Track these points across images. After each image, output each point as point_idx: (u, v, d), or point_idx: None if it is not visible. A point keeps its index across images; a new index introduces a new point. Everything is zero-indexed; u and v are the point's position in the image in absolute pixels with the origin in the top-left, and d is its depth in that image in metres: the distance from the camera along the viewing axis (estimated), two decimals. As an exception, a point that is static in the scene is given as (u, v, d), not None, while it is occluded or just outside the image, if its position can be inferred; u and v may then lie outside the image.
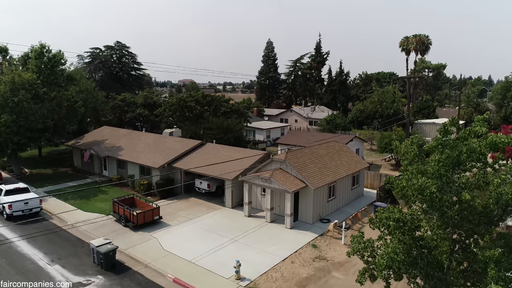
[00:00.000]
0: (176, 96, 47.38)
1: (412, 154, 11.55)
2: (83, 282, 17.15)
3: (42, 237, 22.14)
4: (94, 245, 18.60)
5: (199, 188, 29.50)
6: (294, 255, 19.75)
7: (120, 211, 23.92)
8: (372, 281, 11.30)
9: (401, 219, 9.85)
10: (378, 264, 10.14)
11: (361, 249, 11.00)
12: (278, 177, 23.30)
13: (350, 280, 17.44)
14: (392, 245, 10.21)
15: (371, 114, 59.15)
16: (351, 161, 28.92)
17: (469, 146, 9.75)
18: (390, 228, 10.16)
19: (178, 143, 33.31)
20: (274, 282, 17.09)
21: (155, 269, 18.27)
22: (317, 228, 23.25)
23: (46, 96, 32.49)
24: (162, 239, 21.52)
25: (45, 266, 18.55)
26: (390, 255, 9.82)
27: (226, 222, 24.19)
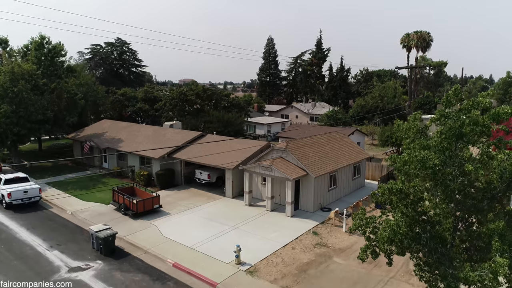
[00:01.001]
0: (177, 90, 47.24)
1: (414, 131, 11.38)
2: (82, 266, 17.01)
3: (42, 224, 22.08)
4: (93, 230, 18.46)
5: (199, 178, 29.37)
6: (294, 241, 19.60)
7: (120, 200, 23.79)
8: (374, 258, 11.13)
9: (403, 190, 9.67)
10: (380, 238, 9.96)
11: (363, 225, 10.83)
12: (279, 165, 23.14)
13: (351, 265, 17.29)
14: (394, 218, 10.02)
15: (372, 109, 58.94)
16: (352, 152, 28.74)
17: (472, 117, 9.58)
18: (393, 202, 9.98)
19: (178, 135, 33.16)
20: (274, 266, 16.94)
21: (154, 255, 18.13)
22: (318, 216, 23.09)
23: (46, 87, 32.37)
24: (162, 226, 21.37)
25: (44, 252, 18.42)
26: (392, 227, 9.64)
27: (227, 211, 24.04)
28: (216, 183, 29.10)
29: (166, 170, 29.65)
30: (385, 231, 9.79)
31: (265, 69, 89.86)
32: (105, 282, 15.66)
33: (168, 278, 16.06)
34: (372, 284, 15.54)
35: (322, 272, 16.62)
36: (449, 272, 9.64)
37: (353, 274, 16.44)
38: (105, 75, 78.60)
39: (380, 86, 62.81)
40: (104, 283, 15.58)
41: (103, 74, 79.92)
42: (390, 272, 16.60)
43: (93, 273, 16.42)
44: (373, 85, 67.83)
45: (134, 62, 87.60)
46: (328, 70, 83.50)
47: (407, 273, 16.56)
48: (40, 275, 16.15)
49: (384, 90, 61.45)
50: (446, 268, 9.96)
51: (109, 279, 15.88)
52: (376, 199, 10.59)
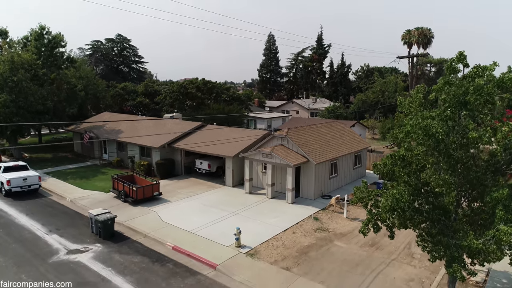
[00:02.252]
0: (177, 83, 47.07)
1: (417, 103, 11.21)
2: (81, 249, 16.87)
3: (41, 210, 21.96)
4: (92, 214, 18.33)
5: (199, 168, 29.22)
6: (295, 226, 19.44)
7: (120, 187, 23.65)
8: (375, 231, 10.97)
9: (406, 158, 9.50)
10: (382, 206, 9.80)
11: (364, 197, 10.67)
12: (279, 152, 22.98)
13: (352, 248, 17.14)
14: (397, 188, 9.85)
15: (373, 104, 58.76)
16: (353, 141, 28.58)
17: (476, 84, 9.40)
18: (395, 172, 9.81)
19: (178, 125, 33.03)
20: (275, 249, 16.78)
21: (154, 238, 17.99)
22: (318, 203, 22.93)
23: (46, 77, 32.24)
24: (162, 213, 21.22)
25: (43, 236, 18.28)
26: (395, 196, 9.47)
27: (227, 199, 23.89)
28: (216, 173, 28.95)
29: (166, 160, 29.52)
30: (387, 200, 9.62)
31: (265, 65, 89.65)
32: (104, 263, 15.52)
33: (168, 260, 15.91)
34: (374, 266, 15.37)
35: (323, 254, 16.47)
36: (452, 242, 9.47)
37: (354, 256, 16.28)
38: (105, 72, 78.48)
39: (381, 81, 62.59)
40: (103, 264, 15.44)
41: (104, 70, 79.81)
42: (391, 254, 16.46)
43: (92, 255, 16.28)
44: (374, 80, 67.59)
45: (135, 59, 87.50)
46: (329, 66, 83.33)
47: (408, 255, 16.40)
48: (38, 256, 16.02)
49: (385, 85, 61.25)
50: (449, 239, 9.80)
51: (108, 261, 15.75)
52: (377, 170, 10.42)
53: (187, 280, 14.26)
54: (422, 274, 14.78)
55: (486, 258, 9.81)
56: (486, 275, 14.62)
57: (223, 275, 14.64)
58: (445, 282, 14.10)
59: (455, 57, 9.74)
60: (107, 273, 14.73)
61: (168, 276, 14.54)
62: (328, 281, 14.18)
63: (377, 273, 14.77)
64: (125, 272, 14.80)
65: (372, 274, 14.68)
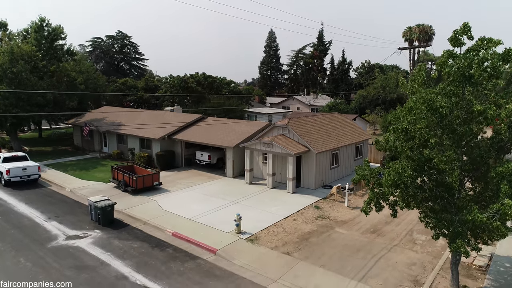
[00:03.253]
0: (178, 77, 46.95)
1: (420, 81, 11.05)
2: (80, 235, 16.74)
3: (40, 199, 21.84)
4: (91, 201, 18.20)
5: (199, 160, 29.08)
6: (296, 214, 19.29)
7: (119, 177, 23.52)
8: (377, 210, 10.83)
9: (409, 132, 9.34)
10: (385, 182, 9.62)
11: (367, 175, 10.51)
12: (280, 141, 22.83)
13: (353, 234, 16.99)
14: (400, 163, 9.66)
15: (374, 99, 58.52)
16: (354, 132, 28.43)
17: (481, 56, 9.24)
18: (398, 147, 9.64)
19: (178, 117, 32.88)
20: (275, 235, 16.64)
21: (154, 225, 17.85)
22: (319, 193, 22.78)
23: (46, 69, 32.10)
24: (162, 201, 21.08)
25: (42, 223, 18.15)
26: (398, 170, 9.31)
27: (227, 188, 23.74)
28: (216, 165, 28.81)
29: (166, 151, 29.39)
30: (390, 175, 9.45)
31: (266, 62, 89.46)
32: (103, 248, 15.39)
33: (167, 245, 15.78)
34: (375, 251, 15.22)
35: (324, 240, 16.32)
36: (456, 218, 9.32)
37: (356, 242, 16.13)
38: (106, 69, 78.27)
39: (382, 77, 62.36)
40: (102, 249, 15.31)
41: (104, 67, 79.60)
42: (393, 240, 16.32)
43: (91, 240, 16.16)
44: (375, 76, 67.37)
45: (135, 56, 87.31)
46: (330, 63, 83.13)
47: (410, 241, 16.25)
48: (37, 241, 15.90)
49: (386, 80, 61.02)
50: (452, 215, 9.65)
51: (107, 246, 15.62)
52: (380, 147, 10.27)
53: (187, 264, 14.12)
54: (424, 259, 14.62)
55: (491, 235, 9.66)
56: (489, 259, 14.46)
57: (223, 260, 14.51)
58: (447, 266, 13.94)
59: (459, 29, 9.56)
60: (106, 257, 14.60)
61: (167, 260, 14.41)
62: (329, 264, 14.04)
63: (379, 258, 14.62)
64: (125, 257, 14.66)
65: (373, 259, 14.53)
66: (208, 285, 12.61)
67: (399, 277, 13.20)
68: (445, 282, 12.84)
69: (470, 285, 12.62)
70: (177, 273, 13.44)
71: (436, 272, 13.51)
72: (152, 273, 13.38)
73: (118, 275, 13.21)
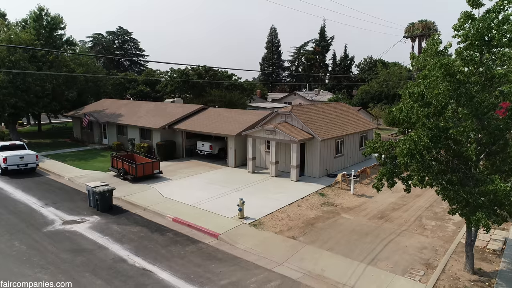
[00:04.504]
0: (178, 70, 46.37)
1: (433, 50, 10.44)
2: (77, 220, 16.19)
3: (37, 187, 21.33)
4: (90, 186, 17.64)
5: (201, 150, 28.52)
6: (300, 200, 18.70)
7: (119, 165, 22.97)
8: (390, 186, 10.24)
9: (426, 96, 8.74)
10: (399, 151, 9.01)
11: (378, 147, 9.91)
12: (283, 128, 22.25)
13: (360, 220, 16.40)
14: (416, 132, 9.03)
15: (377, 94, 57.92)
16: (358, 121, 27.84)
17: (505, 15, 8.58)
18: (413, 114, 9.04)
19: (179, 108, 32.35)
20: (279, 221, 16.05)
21: (154, 211, 17.29)
22: (324, 181, 22.20)
23: (44, 59, 31.57)
24: (162, 189, 20.51)
25: (39, 209, 17.60)
26: (414, 139, 8.69)
27: (229, 177, 23.18)
28: (218, 155, 28.25)
29: (167, 141, 28.82)
30: (405, 143, 8.85)
31: (267, 58, 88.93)
32: (101, 232, 14.83)
33: (168, 230, 15.21)
34: (384, 235, 14.63)
35: (330, 225, 15.73)
36: (476, 190, 8.72)
37: (363, 227, 15.55)
38: (106, 65, 77.80)
39: (385, 72, 61.72)
40: (100, 233, 14.75)
41: (104, 63, 79.14)
42: (401, 226, 15.72)
43: (88, 225, 15.60)
44: (378, 71, 66.75)
45: (136, 52, 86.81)
46: (332, 58, 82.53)
47: (420, 227, 15.66)
48: (33, 226, 15.35)
49: (389, 75, 60.38)
50: (471, 188, 9.05)
51: (105, 230, 15.06)
52: (393, 118, 9.66)
53: (188, 248, 13.56)
54: (435, 243, 14.03)
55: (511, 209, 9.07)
56: (503, 243, 13.86)
57: (225, 244, 13.93)
58: (460, 250, 13.35)
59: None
60: (104, 241, 14.05)
61: (168, 244, 13.84)
62: (336, 248, 13.45)
63: (388, 242, 14.04)
64: (123, 241, 14.10)
65: (382, 243, 13.94)
66: (210, 268, 12.04)
67: (410, 260, 12.61)
68: (459, 265, 12.25)
69: (485, 268, 12.02)
70: (177, 256, 12.88)
71: (448, 256, 12.91)
72: (151, 256, 12.82)
73: (116, 258, 12.64)
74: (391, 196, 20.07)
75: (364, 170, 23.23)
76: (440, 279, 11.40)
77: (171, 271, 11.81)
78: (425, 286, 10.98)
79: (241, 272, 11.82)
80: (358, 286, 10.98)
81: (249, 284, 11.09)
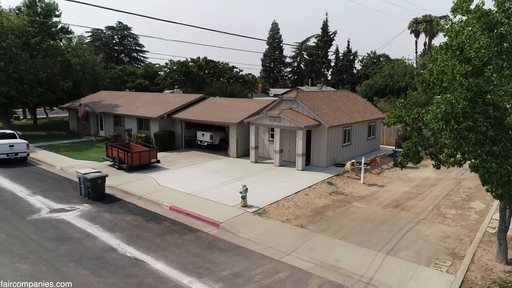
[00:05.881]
0: (178, 62, 45.07)
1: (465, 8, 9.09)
2: (66, 208, 14.90)
3: (27, 176, 20.08)
4: (80, 173, 16.35)
5: (201, 141, 27.22)
6: (307, 189, 17.38)
7: (114, 154, 21.69)
8: (416, 161, 8.92)
9: (465, 50, 7.42)
10: (433, 116, 7.66)
11: (402, 115, 8.58)
12: (289, 114, 20.95)
13: (374, 208, 15.09)
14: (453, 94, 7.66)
15: (381, 88, 56.55)
16: (366, 110, 26.51)
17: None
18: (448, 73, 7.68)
19: (179, 98, 31.04)
20: (286, 209, 14.75)
21: (149, 200, 15.99)
22: (331, 170, 20.87)
23: (38, 46, 30.29)
24: (160, 178, 19.21)
25: (26, 197, 16.33)
26: (450, 101, 7.37)
27: (231, 167, 21.88)
28: (219, 146, 26.95)
29: (165, 131, 27.50)
30: (439, 107, 7.53)
31: (269, 54, 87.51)
32: (91, 221, 13.54)
33: (164, 219, 13.92)
34: (401, 224, 13.32)
35: (342, 213, 14.43)
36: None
37: (378, 216, 14.24)
38: (105, 60, 76.50)
39: (389, 65, 60.37)
40: (90, 222, 13.46)
41: (104, 59, 77.84)
42: (419, 215, 14.41)
43: (78, 213, 14.31)
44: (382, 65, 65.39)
45: (136, 48, 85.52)
46: (334, 53, 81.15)
47: (439, 215, 14.34)
48: (17, 214, 14.07)
49: (394, 69, 59.03)
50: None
51: (96, 219, 13.77)
52: (422, 79, 8.33)
53: (186, 237, 12.26)
54: (459, 232, 12.71)
55: None
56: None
57: (227, 233, 12.64)
58: (487, 239, 12.06)
59: None
60: (93, 229, 12.76)
61: (163, 233, 12.54)
62: (350, 237, 12.15)
63: (407, 231, 12.72)
64: (114, 229, 12.82)
65: (400, 232, 12.63)
66: (210, 258, 10.74)
67: (433, 249, 11.30)
68: (488, 255, 10.93)
69: (519, 258, 10.71)
70: (174, 245, 11.58)
71: (476, 245, 11.59)
72: (145, 245, 11.52)
73: (105, 247, 11.35)
74: (404, 186, 18.78)
75: (374, 159, 21.91)
76: (470, 270, 10.09)
77: (166, 261, 10.52)
78: (454, 277, 9.67)
79: (244, 262, 10.52)
80: (378, 277, 9.68)
81: (254, 275, 9.79)
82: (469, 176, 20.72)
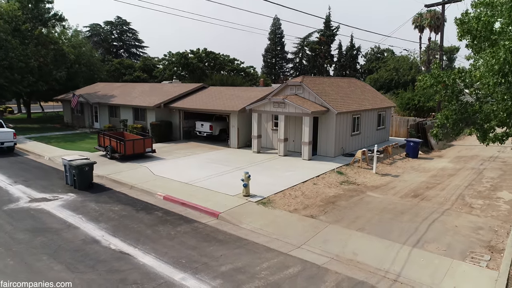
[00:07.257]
0: (177, 53, 43.54)
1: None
2: (48, 198, 13.40)
3: (11, 166, 18.59)
4: (66, 160, 14.84)
5: (200, 131, 25.70)
6: (315, 178, 15.85)
7: (106, 142, 20.21)
8: (454, 133, 7.40)
9: None
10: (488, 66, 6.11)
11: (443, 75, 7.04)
12: (294, 100, 19.41)
13: (391, 198, 13.56)
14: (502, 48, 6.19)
15: (386, 82, 55.00)
16: (376, 98, 24.97)
17: None
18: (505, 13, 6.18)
19: (177, 87, 29.54)
20: (293, 199, 13.23)
21: (141, 189, 14.48)
22: (340, 160, 19.34)
23: (29, 33, 28.79)
24: (154, 168, 17.69)
25: (5, 186, 14.83)
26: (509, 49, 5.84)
27: (232, 157, 20.37)
28: (219, 136, 25.44)
29: (162, 121, 25.96)
30: (496, 56, 5.99)
31: (270, 50, 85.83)
32: (74, 211, 12.03)
33: (157, 209, 12.41)
34: (424, 214, 11.79)
35: (356, 203, 12.90)
36: None
37: (396, 205, 12.71)
38: (104, 56, 74.97)
39: (394, 59, 58.80)
40: (73, 212, 11.96)
41: (102, 54, 76.28)
42: (442, 205, 12.86)
43: (60, 203, 12.81)
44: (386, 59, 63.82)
45: (135, 43, 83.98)
46: (337, 49, 79.48)
47: (465, 205, 12.79)
48: (-9, 203, 12.58)
49: (399, 63, 57.45)
50: None
51: (80, 209, 12.26)
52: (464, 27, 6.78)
53: (180, 228, 10.74)
54: (491, 223, 11.17)
55: None
56: None
57: (227, 224, 11.12)
58: (525, 231, 10.52)
59: None
60: (75, 220, 11.25)
61: (155, 224, 11.03)
62: (368, 228, 10.62)
63: (432, 221, 11.19)
64: (100, 219, 11.30)
65: (425, 222, 11.10)
66: (207, 251, 9.22)
67: (465, 242, 9.77)
68: (531, 248, 9.39)
69: None
70: (166, 237, 10.07)
71: (514, 237, 10.06)
72: (132, 237, 10.01)
73: (87, 239, 9.84)
74: (420, 176, 17.26)
75: (386, 148, 20.37)
76: (513, 265, 8.56)
77: (156, 254, 9.01)
78: (498, 273, 8.14)
79: (248, 256, 9.01)
80: (406, 273, 8.16)
81: (259, 270, 8.27)
82: (489, 166, 19.20)
